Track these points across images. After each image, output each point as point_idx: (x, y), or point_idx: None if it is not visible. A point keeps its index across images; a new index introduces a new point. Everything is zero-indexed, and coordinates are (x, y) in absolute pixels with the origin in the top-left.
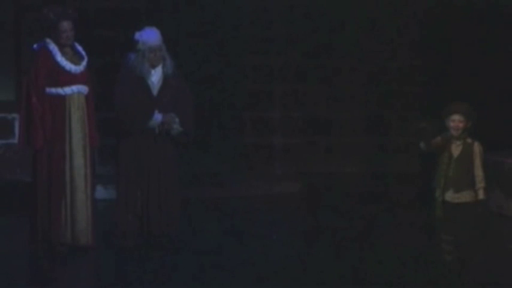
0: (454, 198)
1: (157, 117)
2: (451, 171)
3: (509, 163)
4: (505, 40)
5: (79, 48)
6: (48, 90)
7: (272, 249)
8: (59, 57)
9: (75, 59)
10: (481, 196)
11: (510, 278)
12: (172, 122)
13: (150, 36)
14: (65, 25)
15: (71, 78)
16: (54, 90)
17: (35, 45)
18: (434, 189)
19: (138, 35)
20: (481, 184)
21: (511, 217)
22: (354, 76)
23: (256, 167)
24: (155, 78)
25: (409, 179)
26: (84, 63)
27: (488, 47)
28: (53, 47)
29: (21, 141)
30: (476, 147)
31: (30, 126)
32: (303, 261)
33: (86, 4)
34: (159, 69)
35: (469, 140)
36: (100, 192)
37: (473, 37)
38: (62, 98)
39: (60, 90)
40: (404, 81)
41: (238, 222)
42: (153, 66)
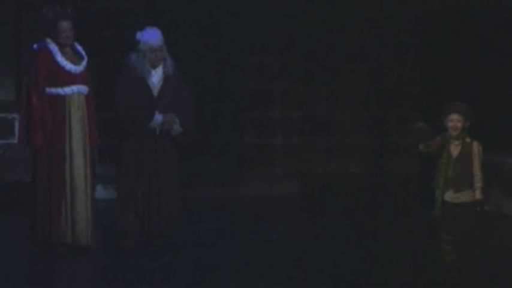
0: (453, 198)
1: (158, 117)
2: (451, 172)
3: (509, 163)
4: (505, 40)
5: (79, 48)
6: (48, 90)
7: (272, 249)
8: (59, 57)
9: (75, 59)
10: (478, 196)
11: (510, 278)
12: (173, 122)
13: (151, 36)
14: (64, 25)
15: (71, 78)
16: (54, 90)
17: (35, 45)
18: (434, 189)
19: (139, 35)
20: (479, 184)
21: (511, 217)
22: (354, 76)
23: (256, 167)
24: (156, 78)
25: (409, 179)
26: (84, 63)
27: (488, 47)
28: (53, 47)
29: (21, 140)
30: (475, 147)
31: (30, 126)
32: (303, 261)
33: (86, 4)
34: (160, 70)
35: (468, 140)
36: (100, 192)
37: (472, 37)
38: (62, 98)
39: (60, 90)
40: (404, 81)
41: (238, 222)
42: (154, 67)
